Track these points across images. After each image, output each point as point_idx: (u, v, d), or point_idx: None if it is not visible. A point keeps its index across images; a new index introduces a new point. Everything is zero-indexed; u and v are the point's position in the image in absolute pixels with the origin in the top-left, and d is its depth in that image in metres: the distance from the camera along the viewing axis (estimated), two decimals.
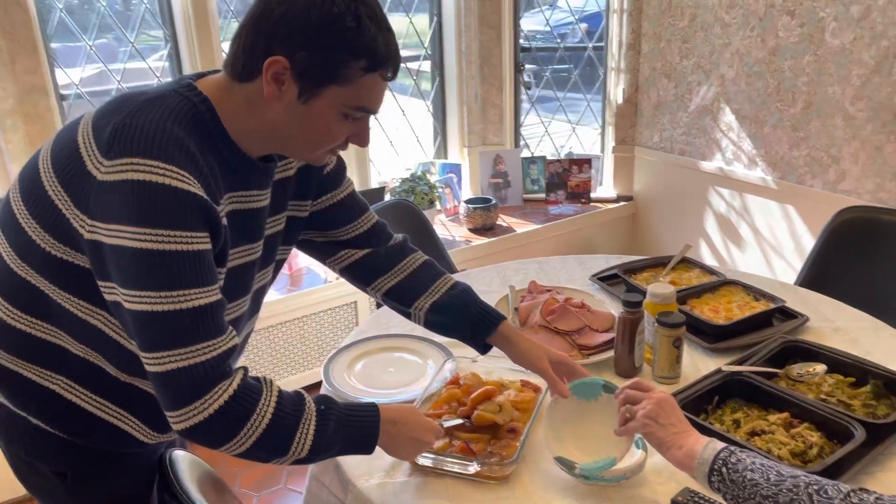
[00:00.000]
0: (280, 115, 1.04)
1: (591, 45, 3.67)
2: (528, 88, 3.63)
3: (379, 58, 1.02)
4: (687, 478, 1.20)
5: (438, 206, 3.31)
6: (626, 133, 3.60)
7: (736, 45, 3.01)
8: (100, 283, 1.01)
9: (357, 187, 3.27)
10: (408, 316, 1.42)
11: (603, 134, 3.73)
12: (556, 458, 1.23)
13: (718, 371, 1.45)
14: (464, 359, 1.53)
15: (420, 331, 1.68)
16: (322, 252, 1.39)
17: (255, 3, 1.03)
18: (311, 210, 1.32)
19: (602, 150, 3.74)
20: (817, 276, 2.23)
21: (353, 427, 1.10)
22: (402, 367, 1.57)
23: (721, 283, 1.85)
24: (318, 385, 2.87)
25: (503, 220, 3.40)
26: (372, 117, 1.12)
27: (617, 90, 3.56)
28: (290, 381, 2.86)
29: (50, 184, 1.01)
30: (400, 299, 1.40)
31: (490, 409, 1.34)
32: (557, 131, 3.89)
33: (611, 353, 1.55)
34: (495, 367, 1.48)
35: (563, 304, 1.66)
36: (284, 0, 1.00)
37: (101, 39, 2.69)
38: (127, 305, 0.97)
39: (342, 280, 1.45)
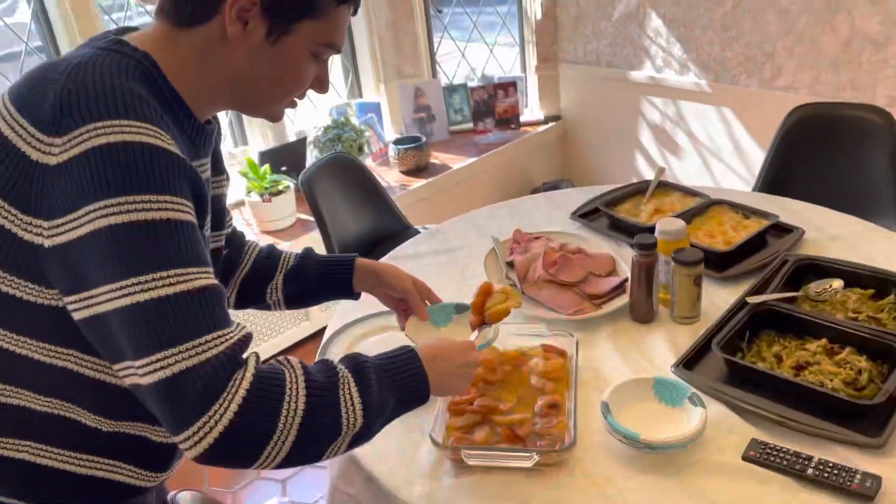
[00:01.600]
0: (242, 60, 0.91)
1: None
2: (441, 12, 3.41)
3: None
4: (749, 429, 1.13)
5: (367, 151, 3.09)
6: (548, 50, 3.45)
7: None
8: (69, 298, 0.81)
9: (273, 143, 3.04)
10: (266, 306, 1.29)
11: (523, 53, 3.57)
12: None
13: (744, 304, 1.38)
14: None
15: None
16: None
17: None
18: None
19: (524, 71, 3.59)
20: (776, 179, 2.20)
21: (396, 373, 0.95)
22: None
23: (708, 205, 1.77)
24: (289, 350, 2.67)
25: (434, 156, 3.23)
26: None
27: (534, 5, 3.38)
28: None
29: None
30: (255, 289, 1.27)
31: (498, 301, 1.21)
32: (470, 52, 3.69)
33: (625, 300, 1.45)
34: (509, 334, 1.35)
35: (563, 254, 1.54)
36: None
37: None
38: (111, 305, 0.78)
39: None
